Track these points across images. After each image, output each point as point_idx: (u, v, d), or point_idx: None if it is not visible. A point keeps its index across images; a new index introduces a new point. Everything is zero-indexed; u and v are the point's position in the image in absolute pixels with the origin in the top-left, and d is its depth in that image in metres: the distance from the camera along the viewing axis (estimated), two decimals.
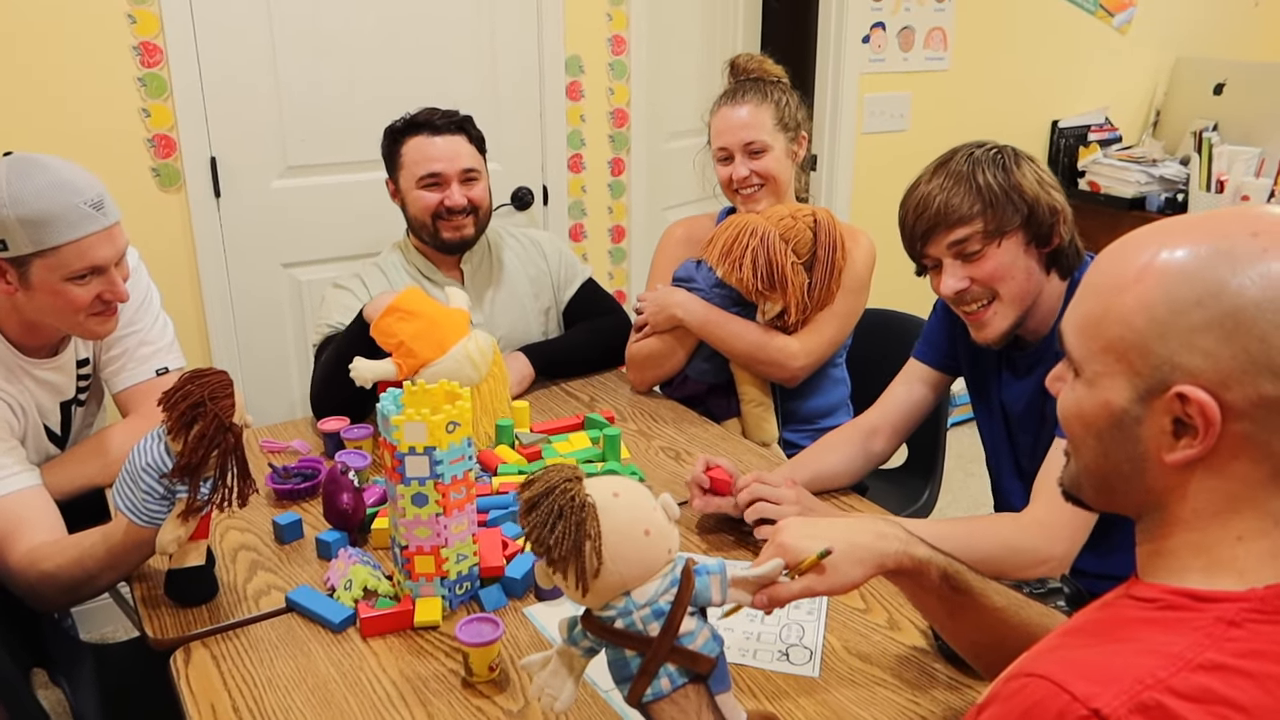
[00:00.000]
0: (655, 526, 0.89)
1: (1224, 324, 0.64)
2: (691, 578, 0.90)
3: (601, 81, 2.83)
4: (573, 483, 0.88)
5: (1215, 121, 3.69)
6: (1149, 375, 0.68)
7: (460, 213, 1.92)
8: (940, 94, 3.42)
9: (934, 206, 1.36)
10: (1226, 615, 0.63)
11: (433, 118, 1.92)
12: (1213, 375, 0.65)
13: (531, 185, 2.78)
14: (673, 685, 0.87)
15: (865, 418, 1.65)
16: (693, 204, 3.08)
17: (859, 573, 0.97)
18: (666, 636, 0.87)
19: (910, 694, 1.09)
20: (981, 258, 1.34)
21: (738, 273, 1.79)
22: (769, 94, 1.90)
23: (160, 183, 2.28)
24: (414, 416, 1.16)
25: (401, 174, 1.94)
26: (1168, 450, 0.68)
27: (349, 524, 1.41)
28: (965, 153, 1.38)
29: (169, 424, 1.17)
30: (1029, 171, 1.35)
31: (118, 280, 1.46)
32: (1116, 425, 0.71)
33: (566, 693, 0.94)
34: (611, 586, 0.88)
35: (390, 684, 1.12)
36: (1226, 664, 0.60)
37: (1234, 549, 0.67)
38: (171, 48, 2.21)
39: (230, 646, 1.19)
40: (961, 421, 3.70)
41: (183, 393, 1.17)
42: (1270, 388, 0.64)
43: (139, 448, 1.20)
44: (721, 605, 0.93)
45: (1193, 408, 0.65)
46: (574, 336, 2.13)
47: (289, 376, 2.58)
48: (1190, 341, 0.65)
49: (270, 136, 2.40)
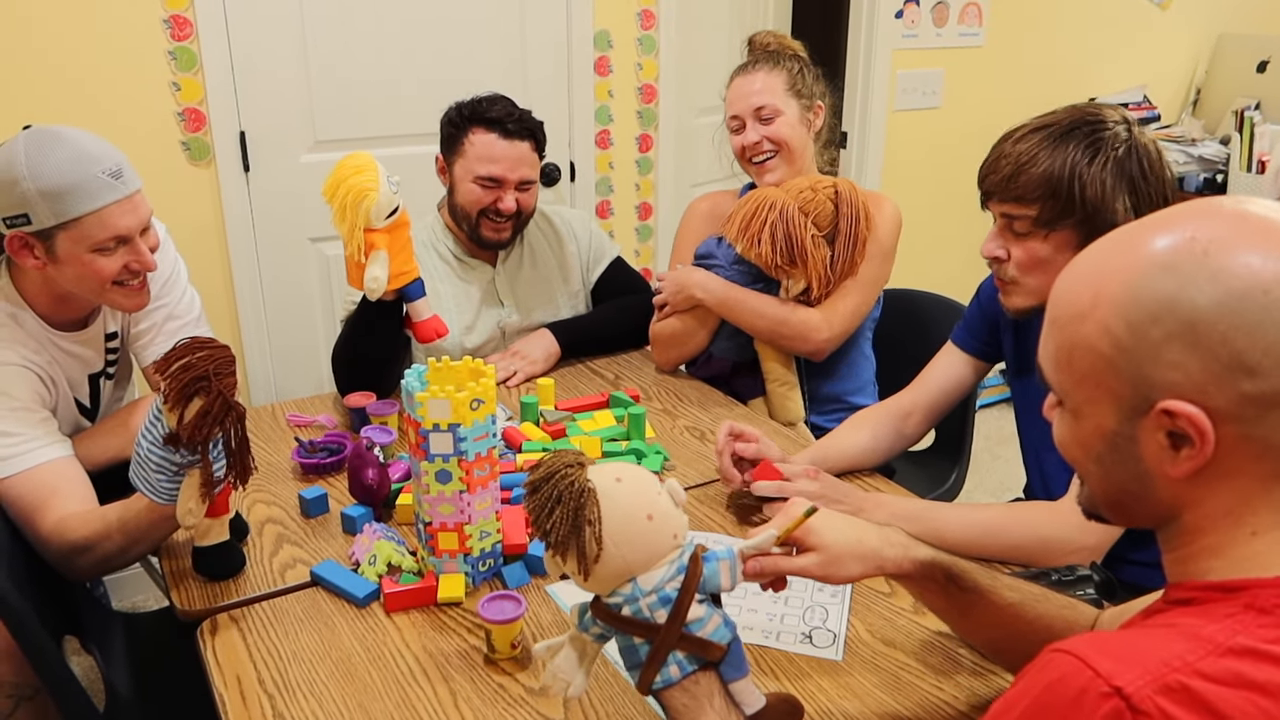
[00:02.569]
0: (659, 512, 0.88)
1: (1184, 336, 0.64)
2: (699, 564, 0.89)
3: (630, 57, 2.80)
4: (574, 468, 0.87)
5: (1258, 100, 3.60)
6: (1130, 396, 0.67)
7: (508, 217, 1.91)
8: (974, 70, 3.36)
9: (1003, 171, 1.30)
10: (1257, 602, 0.62)
11: (507, 119, 1.87)
12: (1190, 386, 0.64)
13: (558, 161, 2.77)
14: (682, 672, 0.87)
15: (900, 398, 1.64)
16: (720, 181, 3.05)
17: (857, 569, 0.97)
18: (674, 624, 0.86)
19: (934, 679, 1.08)
20: (1027, 239, 1.31)
21: (756, 248, 1.77)
22: (781, 62, 1.88)
23: (190, 157, 2.29)
24: (438, 393, 1.15)
25: (459, 161, 1.91)
26: (1170, 464, 0.67)
27: (374, 499, 1.41)
28: (1077, 122, 1.28)
29: (167, 393, 1.14)
30: (1126, 170, 1.25)
31: (144, 250, 1.46)
32: (1112, 448, 0.70)
33: (579, 680, 0.94)
34: (615, 572, 0.87)
35: (413, 659, 1.12)
36: (1257, 649, 0.59)
37: (1250, 544, 0.66)
38: (201, 21, 2.21)
39: (256, 619, 1.20)
40: (990, 404, 3.67)
41: (184, 364, 1.14)
42: (1249, 385, 0.63)
43: (145, 427, 1.20)
44: (731, 589, 0.91)
45: (1182, 420, 0.65)
46: (600, 314, 2.13)
47: (316, 351, 2.59)
48: (1158, 357, 0.65)
49: (299, 111, 2.40)
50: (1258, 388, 0.63)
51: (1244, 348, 0.62)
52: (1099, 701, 0.58)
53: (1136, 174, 1.25)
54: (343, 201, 1.48)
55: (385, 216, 1.52)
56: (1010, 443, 1.64)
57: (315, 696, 1.07)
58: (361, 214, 1.49)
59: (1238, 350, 0.63)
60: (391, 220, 1.53)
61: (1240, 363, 0.63)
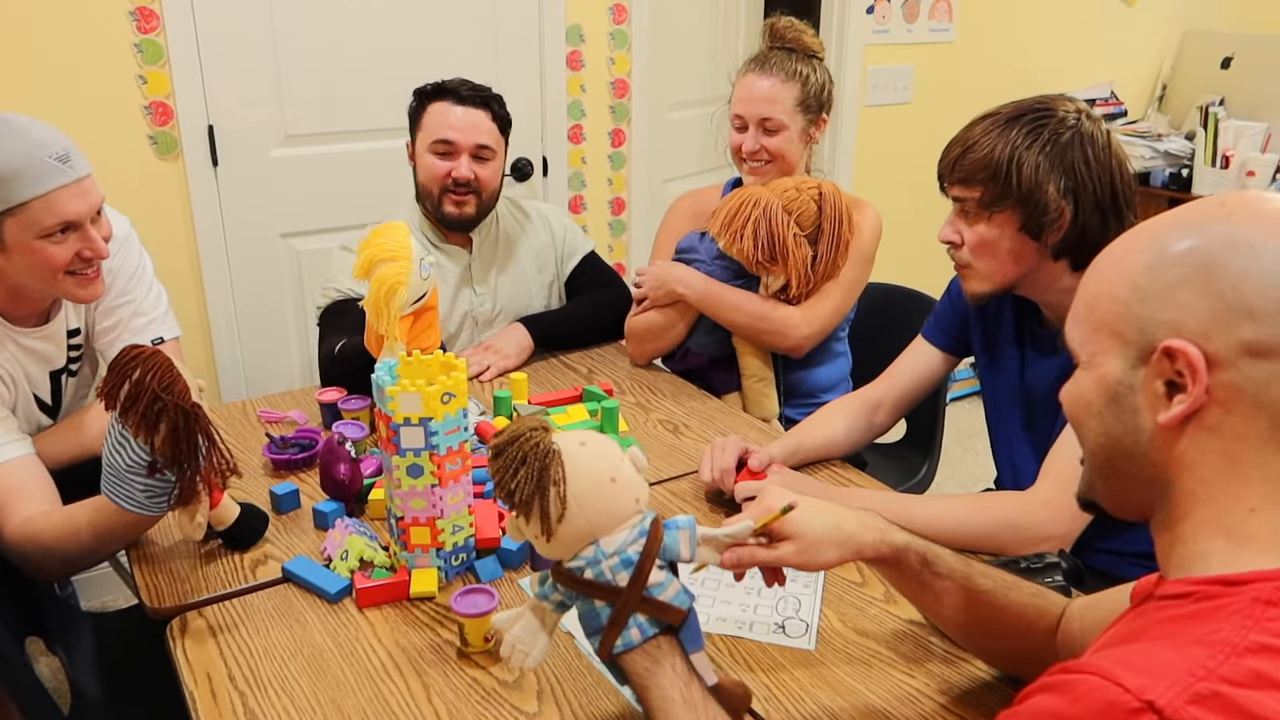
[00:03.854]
0: (622, 475, 0.90)
1: (1197, 277, 0.67)
2: (660, 529, 0.90)
3: (602, 51, 2.80)
4: (538, 431, 0.89)
5: (1222, 96, 3.66)
6: (1136, 340, 0.70)
7: (464, 187, 1.91)
8: (944, 66, 3.39)
9: (954, 154, 1.33)
10: (1263, 595, 0.62)
11: (461, 87, 1.91)
12: (1195, 327, 0.67)
13: (531, 156, 2.76)
14: (643, 635, 0.88)
15: (870, 390, 1.65)
16: (694, 176, 3.06)
17: (834, 555, 0.98)
18: (636, 585, 0.87)
19: (906, 667, 1.09)
20: (974, 221, 1.33)
21: (739, 244, 1.78)
22: (798, 72, 1.86)
23: (158, 151, 2.26)
24: (409, 387, 1.15)
25: (419, 135, 1.94)
26: (1164, 411, 0.69)
27: (346, 495, 1.40)
28: (1026, 109, 1.30)
29: (133, 426, 1.13)
30: (1067, 156, 1.27)
31: (95, 237, 1.44)
32: (1113, 399, 0.72)
33: (538, 649, 0.95)
34: (578, 534, 0.88)
35: (385, 654, 1.12)
36: (1273, 645, 0.60)
37: (1249, 522, 0.67)
38: (168, 13, 2.18)
39: (226, 616, 1.19)
40: (960, 397, 3.70)
41: (132, 393, 1.12)
42: (1249, 331, 0.65)
43: (112, 451, 1.17)
44: (690, 562, 0.93)
45: (1180, 362, 0.67)
46: (574, 309, 2.13)
47: (287, 347, 2.57)
48: (1170, 298, 0.68)
49: (269, 105, 2.37)
50: (1255, 334, 0.65)
51: (1251, 293, 0.65)
52: (1131, 716, 0.58)
53: (1077, 160, 1.27)
54: (375, 293, 1.45)
55: (413, 303, 1.51)
56: (980, 435, 1.65)
57: (287, 693, 1.06)
58: (394, 309, 1.46)
59: (1244, 294, 0.65)
60: (419, 305, 1.51)
61: (1244, 306, 0.65)
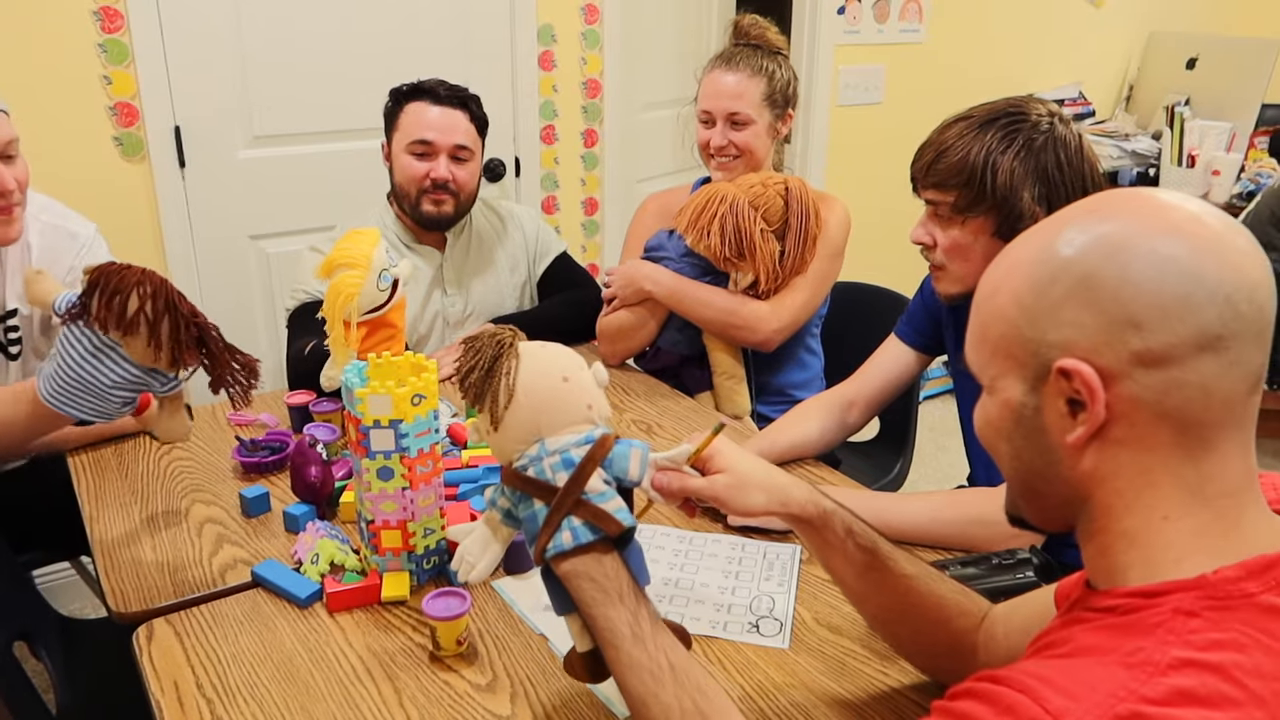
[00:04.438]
0: (576, 378, 0.92)
1: (1078, 292, 0.67)
2: (609, 441, 0.91)
3: (574, 51, 2.79)
4: (504, 332, 0.93)
5: (1187, 96, 3.71)
6: (1031, 362, 0.70)
7: (443, 188, 1.90)
8: (915, 67, 3.41)
9: (927, 157, 1.33)
10: (1183, 606, 0.63)
11: (438, 88, 1.91)
12: (1085, 344, 0.66)
13: (503, 156, 2.75)
14: (575, 540, 0.87)
15: (842, 389, 1.65)
16: (667, 176, 3.06)
17: (761, 499, 0.98)
18: (572, 485, 0.88)
19: (879, 664, 1.09)
20: (947, 225, 1.34)
21: (706, 240, 1.78)
22: (764, 67, 1.88)
23: (123, 152, 2.23)
24: (379, 389, 1.14)
25: (396, 135, 1.92)
26: (1069, 432, 0.68)
27: (317, 497, 1.39)
28: (1000, 112, 1.30)
29: (152, 340, 1.13)
30: (1041, 161, 1.27)
31: (4, 173, 1.41)
32: (1018, 421, 0.72)
33: (485, 561, 0.97)
34: (524, 426, 0.90)
35: (357, 659, 1.11)
36: (1193, 659, 0.60)
37: (1164, 531, 0.67)
38: (133, 13, 2.16)
39: (194, 622, 1.17)
40: (933, 395, 3.73)
41: (121, 295, 1.12)
42: (1137, 341, 0.64)
43: (95, 370, 1.15)
44: (639, 482, 0.93)
45: (1076, 381, 0.66)
46: (546, 309, 2.12)
47: (257, 350, 2.49)
48: (1056, 317, 0.68)
49: (236, 105, 2.35)
50: (1145, 343, 0.64)
51: (1131, 302, 0.64)
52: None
53: (1051, 165, 1.27)
54: (328, 297, 1.46)
55: (365, 312, 1.49)
56: (953, 433, 1.66)
57: (256, 700, 1.04)
58: (337, 314, 1.46)
59: (1125, 304, 0.65)
60: (374, 316, 1.50)
61: (1128, 317, 0.64)
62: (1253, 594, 0.63)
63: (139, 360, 1.16)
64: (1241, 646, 0.61)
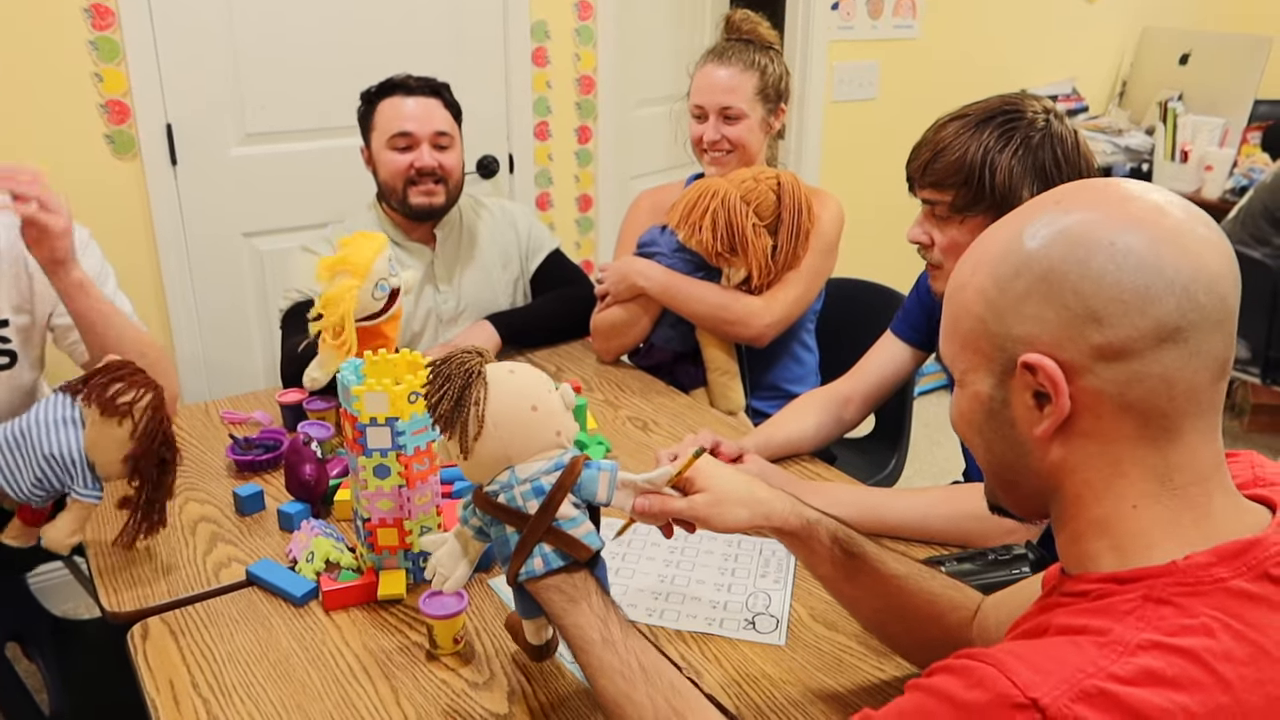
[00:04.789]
0: (544, 405, 0.92)
1: (1039, 287, 0.67)
2: (578, 466, 0.91)
3: (568, 47, 2.79)
4: (471, 355, 0.93)
5: (1180, 91, 3.71)
6: (997, 356, 0.70)
7: (430, 176, 1.89)
8: (909, 63, 3.41)
9: (923, 157, 1.32)
10: (1154, 593, 0.64)
11: (408, 80, 1.90)
12: (1047, 338, 0.67)
13: (497, 153, 2.74)
14: (546, 566, 0.89)
15: (839, 385, 1.65)
16: (661, 173, 3.05)
17: (744, 515, 0.98)
18: (543, 514, 0.89)
19: (876, 660, 1.09)
20: (945, 224, 1.34)
21: (698, 235, 1.78)
22: (756, 62, 1.88)
23: (115, 150, 2.22)
24: (375, 387, 1.13)
25: (374, 135, 1.92)
26: (1036, 424, 0.69)
27: (311, 495, 1.39)
28: (996, 110, 1.29)
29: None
30: (1039, 159, 1.26)
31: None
32: (989, 414, 0.73)
33: (458, 574, 1.00)
34: (494, 456, 0.91)
35: (353, 657, 1.10)
36: (1162, 642, 0.61)
37: (1133, 520, 0.68)
38: (124, 10, 2.14)
39: (189, 621, 1.17)
40: (928, 391, 3.73)
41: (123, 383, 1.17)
42: (1098, 335, 0.65)
43: (46, 433, 1.17)
44: (608, 503, 0.93)
45: (1041, 375, 0.67)
46: (541, 306, 2.12)
47: (251, 348, 2.54)
48: (1019, 311, 0.68)
49: (229, 103, 2.34)
50: (1105, 337, 0.65)
51: (1091, 296, 0.65)
52: (1012, 712, 0.60)
53: (1049, 163, 1.27)
54: (326, 300, 1.46)
55: (358, 320, 1.49)
56: (948, 429, 1.66)
57: (252, 699, 1.04)
58: (330, 318, 1.46)
59: (1085, 299, 0.65)
60: (368, 324, 1.50)
61: (1088, 311, 0.65)
62: (1224, 579, 0.64)
63: (95, 448, 1.17)
64: (1211, 631, 0.62)
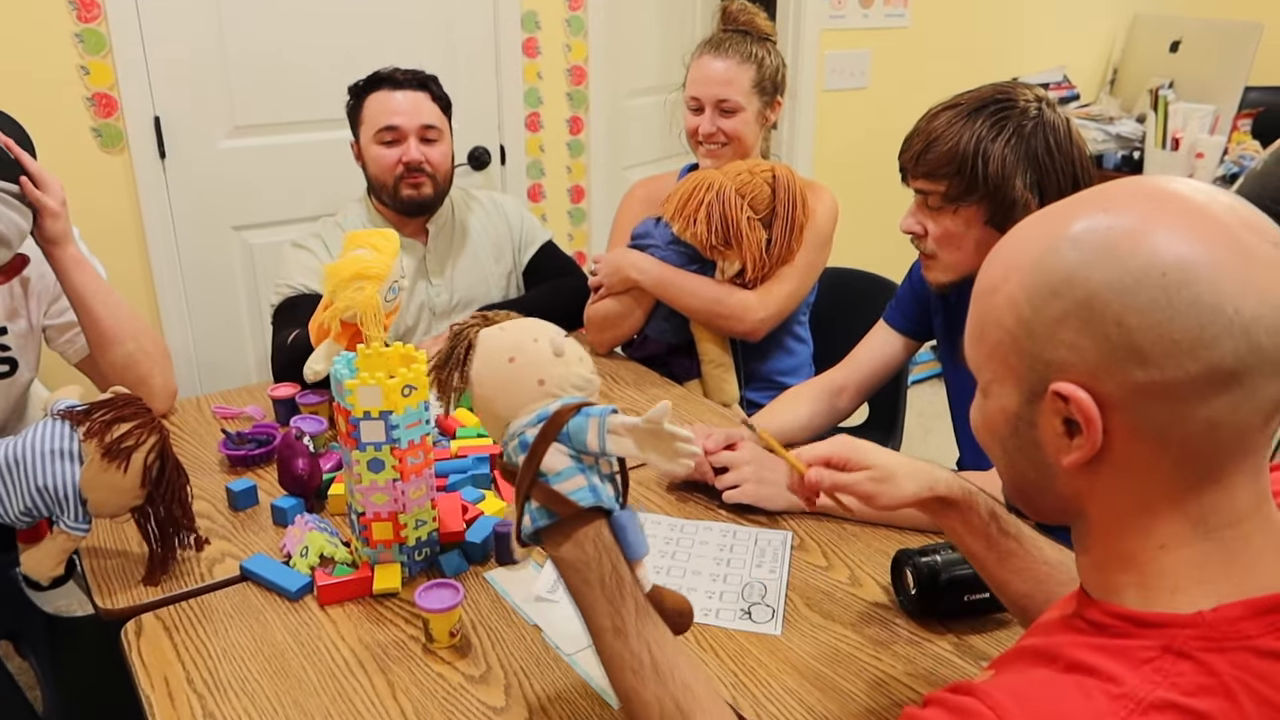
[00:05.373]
0: (523, 356, 0.88)
1: (1079, 313, 0.61)
2: (562, 416, 0.85)
3: (559, 38, 2.77)
4: (470, 323, 0.94)
5: (1171, 79, 3.71)
6: (1028, 376, 0.65)
7: (418, 170, 1.88)
8: (900, 51, 3.40)
9: (915, 148, 1.32)
10: (1175, 645, 0.60)
11: (395, 73, 1.89)
12: (1083, 368, 0.61)
13: (488, 145, 2.73)
14: (533, 524, 0.85)
15: (832, 375, 1.65)
16: (654, 163, 3.04)
17: (910, 488, 0.98)
18: (526, 468, 0.85)
19: (873, 650, 1.09)
20: (938, 214, 1.34)
21: (693, 228, 1.77)
22: (753, 54, 1.86)
23: (102, 143, 2.20)
24: (368, 380, 1.13)
25: (362, 129, 1.91)
26: (1064, 453, 0.64)
27: (305, 490, 1.38)
28: (987, 100, 1.29)
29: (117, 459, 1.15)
30: (1031, 147, 1.26)
31: None
32: (1015, 432, 0.68)
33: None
34: (489, 412, 0.91)
35: (349, 652, 1.10)
36: (1177, 703, 0.57)
37: (1160, 560, 0.63)
38: (109, 1, 2.12)
39: (183, 617, 1.16)
40: (921, 379, 3.74)
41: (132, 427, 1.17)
42: (1141, 374, 0.59)
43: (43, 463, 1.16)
44: (602, 451, 0.85)
45: (1073, 406, 0.62)
46: (533, 298, 2.11)
47: (242, 342, 2.52)
48: (1054, 335, 0.62)
49: (217, 95, 2.32)
50: (1149, 376, 0.59)
51: (1137, 331, 0.59)
52: None
53: (1041, 151, 1.27)
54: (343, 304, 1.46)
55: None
56: (942, 417, 1.66)
57: (247, 694, 1.04)
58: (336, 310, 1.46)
59: (1130, 333, 0.59)
60: None
61: (1133, 347, 0.59)
62: (1251, 636, 0.59)
63: (91, 487, 1.16)
64: (1231, 694, 0.58)
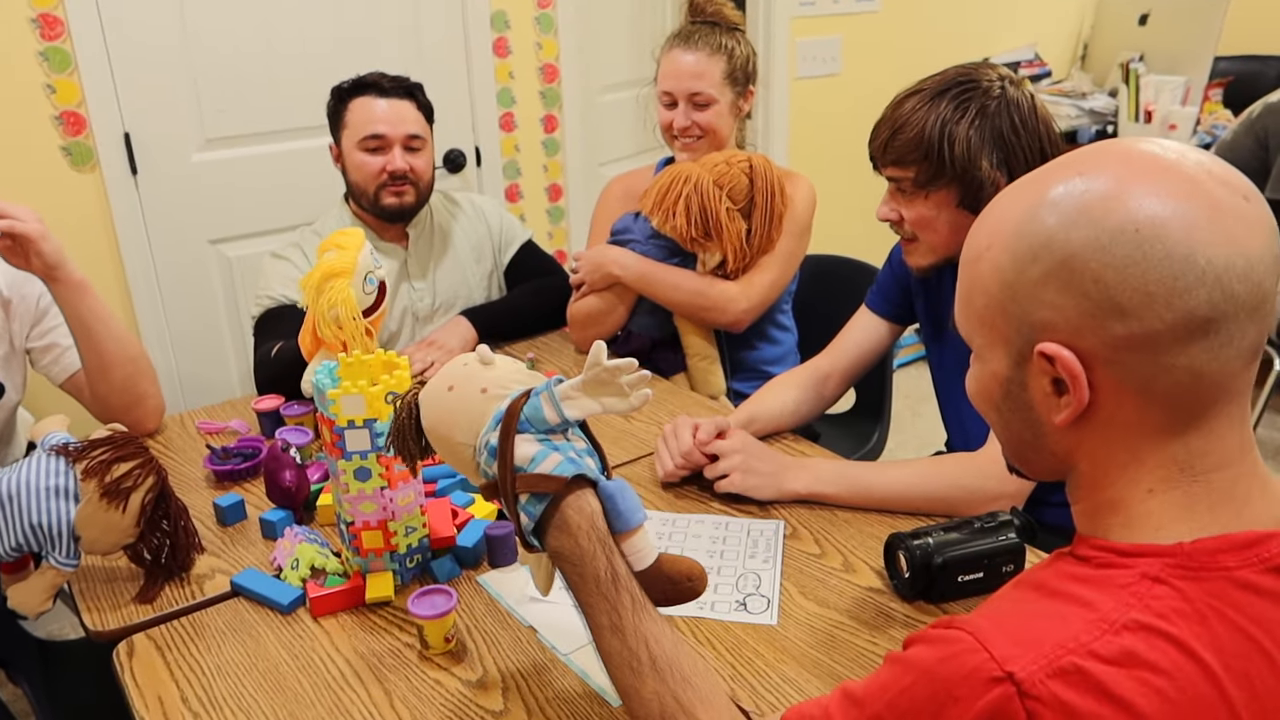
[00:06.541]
0: (459, 379, 0.92)
1: (1059, 274, 0.63)
2: (515, 408, 0.87)
3: (529, 36, 2.76)
4: (413, 387, 0.97)
5: (1141, 52, 3.73)
6: (1015, 339, 0.67)
7: (402, 179, 1.87)
8: (871, 36, 3.40)
9: (882, 136, 1.33)
10: (1151, 571, 0.62)
11: (381, 80, 1.88)
12: (1065, 327, 0.64)
13: (463, 147, 2.72)
14: (531, 518, 0.86)
15: (817, 362, 1.65)
16: (630, 158, 3.04)
17: None
18: (502, 468, 0.86)
19: (869, 635, 1.09)
20: (911, 200, 1.34)
21: (672, 221, 1.77)
22: (723, 45, 1.86)
23: (72, 162, 2.18)
24: (351, 389, 1.12)
25: (344, 134, 1.89)
26: (1055, 412, 0.67)
27: (293, 502, 1.37)
28: (950, 83, 1.29)
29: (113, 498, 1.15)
30: (996, 126, 1.27)
31: None
32: (1007, 395, 0.71)
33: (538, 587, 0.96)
34: (454, 448, 0.92)
35: (344, 663, 1.09)
36: (1150, 624, 0.59)
37: (1147, 503, 0.66)
38: (73, 19, 2.10)
39: (175, 635, 1.15)
40: (907, 363, 3.75)
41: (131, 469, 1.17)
42: (1120, 327, 0.62)
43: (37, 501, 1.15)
44: (567, 420, 0.87)
45: (1059, 365, 0.64)
46: (516, 298, 2.10)
47: (224, 356, 2.50)
48: (1037, 297, 0.65)
49: (186, 108, 2.30)
50: (1128, 329, 0.62)
51: (1114, 286, 0.61)
52: (988, 685, 0.59)
53: (1006, 129, 1.27)
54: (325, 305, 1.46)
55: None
56: (929, 400, 1.67)
57: (243, 710, 1.03)
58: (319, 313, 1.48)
59: (1107, 289, 0.61)
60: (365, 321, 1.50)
61: (1111, 302, 0.61)
62: (1230, 568, 0.62)
63: (86, 525, 1.16)
64: (1204, 619, 0.60)
